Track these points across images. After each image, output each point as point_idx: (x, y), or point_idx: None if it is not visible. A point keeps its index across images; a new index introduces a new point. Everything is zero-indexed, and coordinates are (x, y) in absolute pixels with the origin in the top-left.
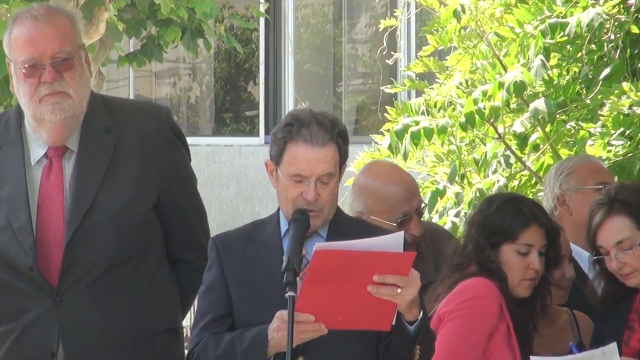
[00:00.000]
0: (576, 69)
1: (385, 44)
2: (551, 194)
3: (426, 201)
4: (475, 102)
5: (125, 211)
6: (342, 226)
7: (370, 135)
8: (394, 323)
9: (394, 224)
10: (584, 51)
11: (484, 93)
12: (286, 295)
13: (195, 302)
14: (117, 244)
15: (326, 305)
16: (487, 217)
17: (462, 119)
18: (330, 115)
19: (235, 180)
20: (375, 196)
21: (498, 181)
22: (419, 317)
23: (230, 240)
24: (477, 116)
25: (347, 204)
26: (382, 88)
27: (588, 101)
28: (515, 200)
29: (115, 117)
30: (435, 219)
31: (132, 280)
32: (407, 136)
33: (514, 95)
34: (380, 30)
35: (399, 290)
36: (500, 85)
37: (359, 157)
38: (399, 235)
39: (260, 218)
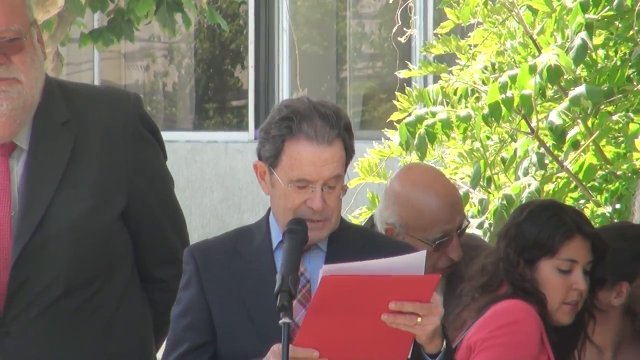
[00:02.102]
0: (626, 50)
1: (397, 20)
2: None
3: None
4: (502, 89)
5: (85, 222)
6: (345, 238)
7: (383, 130)
8: (409, 356)
9: (431, 245)
10: (635, 28)
11: (512, 79)
12: (280, 322)
13: None
14: (76, 262)
15: (332, 337)
16: (521, 228)
17: (485, 111)
18: (332, 104)
19: (220, 183)
20: (413, 209)
21: (529, 185)
22: (442, 349)
23: (211, 251)
24: (503, 107)
25: (350, 209)
26: (396, 73)
27: None
28: (554, 207)
29: (74, 107)
30: None
31: (94, 306)
32: (421, 130)
33: (547, 82)
34: (391, 1)
35: (418, 320)
36: (532, 69)
37: (367, 156)
38: (420, 255)
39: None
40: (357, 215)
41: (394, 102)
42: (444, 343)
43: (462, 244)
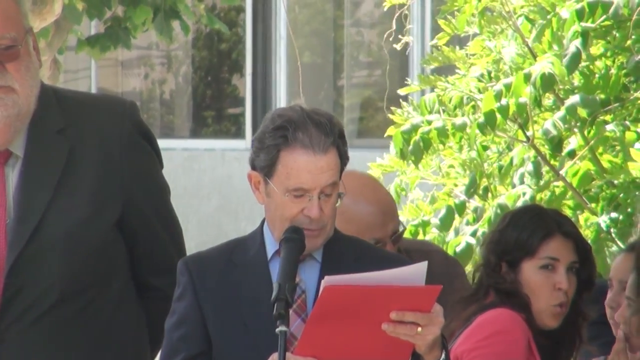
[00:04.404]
0: (624, 60)
1: (394, 28)
2: None
3: (440, 217)
4: (497, 97)
5: (81, 230)
6: (339, 248)
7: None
8: None
9: None
10: (633, 37)
11: (507, 87)
12: (276, 330)
13: None
14: (71, 270)
15: (331, 346)
16: (502, 232)
17: (481, 119)
18: (325, 112)
19: (217, 191)
20: (343, 216)
21: (524, 194)
22: (441, 359)
23: (206, 263)
24: (498, 115)
25: None
26: (398, 92)
27: (638, 96)
28: (535, 209)
29: (70, 115)
30: (449, 237)
31: (89, 315)
32: (417, 137)
33: (541, 90)
34: (386, 9)
35: (419, 329)
36: (526, 78)
37: (367, 166)
38: (422, 267)
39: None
40: None
41: (390, 116)
42: (443, 354)
43: (416, 249)
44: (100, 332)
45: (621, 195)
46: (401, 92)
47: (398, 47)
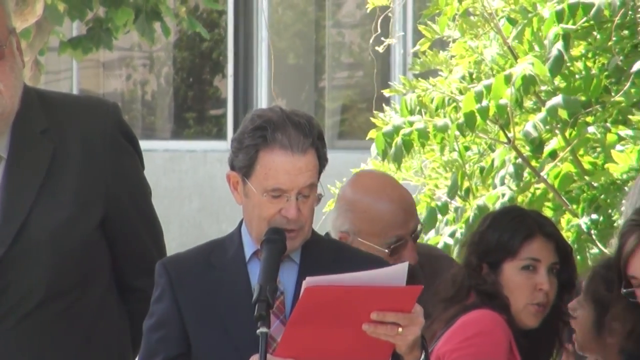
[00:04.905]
0: (604, 61)
1: (380, 31)
2: (632, 208)
3: (423, 219)
4: (477, 99)
5: (64, 230)
6: (317, 250)
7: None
8: None
9: (386, 250)
10: (614, 38)
11: (487, 89)
12: (257, 331)
13: None
14: (55, 271)
15: (312, 347)
16: (483, 233)
17: (461, 120)
18: (304, 113)
19: (198, 192)
20: (365, 215)
21: (503, 195)
22: (421, 359)
23: (184, 265)
24: (478, 116)
25: (328, 220)
26: (383, 91)
27: (619, 98)
28: (515, 210)
29: (53, 116)
30: (428, 236)
31: (72, 315)
32: (398, 139)
33: (522, 91)
34: (368, 11)
35: (399, 330)
36: (507, 79)
37: (347, 164)
38: (402, 267)
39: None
40: None
41: (371, 119)
42: (423, 354)
43: (424, 253)
44: (83, 332)
45: (602, 196)
46: (386, 93)
47: (380, 49)
